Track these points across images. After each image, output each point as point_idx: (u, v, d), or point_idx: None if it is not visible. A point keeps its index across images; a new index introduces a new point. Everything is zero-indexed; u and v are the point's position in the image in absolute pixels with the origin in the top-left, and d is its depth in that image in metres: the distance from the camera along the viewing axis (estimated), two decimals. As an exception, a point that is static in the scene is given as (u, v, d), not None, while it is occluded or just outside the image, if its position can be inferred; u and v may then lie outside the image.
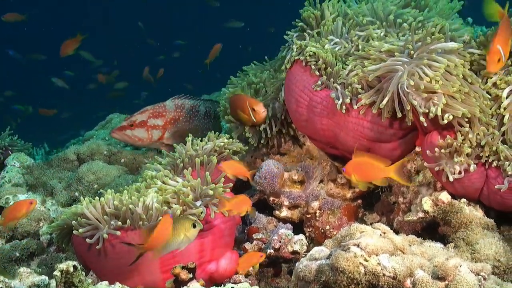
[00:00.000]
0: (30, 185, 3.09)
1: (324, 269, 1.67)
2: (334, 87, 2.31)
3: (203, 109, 3.28)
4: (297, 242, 2.29)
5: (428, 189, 2.24)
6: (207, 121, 3.29)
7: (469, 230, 1.99)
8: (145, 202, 2.09)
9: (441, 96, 2.02)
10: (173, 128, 3.23)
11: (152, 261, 2.07)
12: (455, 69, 2.07)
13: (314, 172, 2.60)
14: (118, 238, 2.05)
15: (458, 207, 2.04)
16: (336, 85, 2.31)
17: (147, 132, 3.19)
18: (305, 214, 2.54)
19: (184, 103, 3.27)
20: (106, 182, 2.99)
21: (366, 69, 2.21)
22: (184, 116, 3.25)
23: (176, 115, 3.24)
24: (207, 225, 2.14)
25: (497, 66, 2.03)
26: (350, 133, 2.31)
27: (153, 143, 3.25)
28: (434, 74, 2.04)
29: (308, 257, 1.80)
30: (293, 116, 2.56)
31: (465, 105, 2.03)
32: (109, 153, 3.27)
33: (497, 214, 2.14)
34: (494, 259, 1.85)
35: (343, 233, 1.79)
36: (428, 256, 1.73)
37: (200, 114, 3.27)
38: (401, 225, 2.29)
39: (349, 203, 2.56)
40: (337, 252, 1.65)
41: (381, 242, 1.66)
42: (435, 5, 2.56)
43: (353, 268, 1.61)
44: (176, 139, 3.20)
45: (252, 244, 2.34)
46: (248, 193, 2.69)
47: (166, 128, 3.23)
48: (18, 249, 2.51)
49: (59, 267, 1.63)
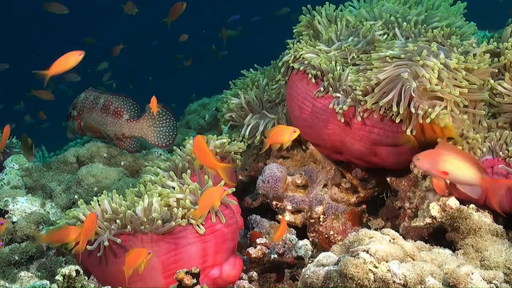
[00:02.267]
0: (29, 187, 3.06)
1: (333, 276, 1.64)
2: (335, 95, 2.31)
3: (102, 101, 3.23)
4: (301, 247, 2.26)
5: (435, 194, 2.21)
6: (104, 115, 3.23)
7: (478, 236, 1.96)
8: (145, 206, 2.06)
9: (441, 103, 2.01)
10: (82, 120, 3.26)
11: (154, 266, 2.04)
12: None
13: (317, 176, 2.57)
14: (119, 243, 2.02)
15: (467, 213, 2.01)
16: (336, 94, 2.30)
17: (73, 122, 3.28)
18: (308, 219, 2.51)
19: (90, 95, 3.27)
20: (106, 185, 2.97)
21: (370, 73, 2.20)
22: (86, 107, 3.25)
23: (82, 106, 3.26)
24: (209, 229, 2.11)
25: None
26: (357, 138, 2.30)
27: (84, 134, 3.33)
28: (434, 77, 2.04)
29: (315, 263, 1.77)
30: (296, 123, 2.54)
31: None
32: (109, 156, 3.24)
33: (505, 221, 2.11)
34: (504, 266, 1.81)
35: (351, 238, 1.76)
36: (437, 263, 1.70)
37: (97, 107, 3.23)
38: (407, 231, 2.26)
39: (353, 208, 2.53)
40: (345, 258, 1.61)
41: (391, 248, 1.63)
42: (438, 8, 2.54)
43: (363, 274, 1.58)
44: (86, 131, 3.27)
45: (255, 249, 2.31)
46: (251, 197, 2.66)
47: (79, 119, 3.27)
48: (17, 253, 2.47)
49: (61, 271, 1.60)
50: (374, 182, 2.56)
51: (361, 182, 2.56)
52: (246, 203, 2.68)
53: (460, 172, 1.72)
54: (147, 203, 2.08)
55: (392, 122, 2.21)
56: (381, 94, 2.18)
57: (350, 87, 2.27)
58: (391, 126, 2.22)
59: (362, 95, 2.23)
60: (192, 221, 2.08)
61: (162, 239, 2.05)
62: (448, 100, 2.09)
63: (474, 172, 1.72)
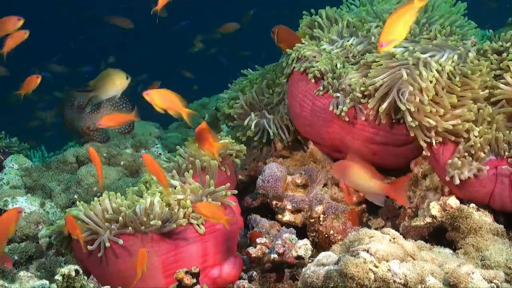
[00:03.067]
0: (29, 187, 3.06)
1: (333, 275, 1.63)
2: (335, 95, 2.30)
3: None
4: (301, 247, 2.25)
5: (435, 194, 2.21)
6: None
7: (478, 236, 1.95)
8: (146, 205, 2.06)
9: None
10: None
11: (155, 265, 2.04)
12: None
13: (317, 176, 2.57)
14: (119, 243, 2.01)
15: (468, 212, 2.01)
16: (336, 94, 2.30)
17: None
18: (308, 219, 2.50)
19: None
20: (106, 185, 2.96)
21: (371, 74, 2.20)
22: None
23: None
24: (209, 228, 2.11)
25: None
26: (356, 137, 2.30)
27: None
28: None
29: (315, 262, 1.76)
30: (296, 120, 2.54)
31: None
32: (109, 156, 3.24)
33: (506, 220, 2.11)
34: (505, 266, 1.81)
35: (351, 238, 1.75)
36: (438, 263, 1.69)
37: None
38: (407, 230, 2.25)
39: (353, 208, 2.52)
40: (346, 258, 1.61)
41: (391, 248, 1.62)
42: (438, 8, 2.54)
43: (363, 274, 1.57)
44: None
45: (255, 249, 2.30)
46: (251, 197, 2.66)
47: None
48: (17, 253, 2.47)
49: (60, 271, 1.59)
50: (374, 182, 2.55)
51: (361, 182, 2.56)
52: (246, 202, 2.67)
53: (363, 182, 1.86)
54: (148, 202, 2.08)
55: (390, 121, 2.21)
56: (379, 95, 2.18)
57: (349, 86, 2.27)
58: (390, 126, 2.22)
59: (361, 95, 2.23)
60: (193, 221, 2.07)
61: (163, 238, 2.05)
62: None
63: (375, 181, 1.85)
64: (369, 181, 1.85)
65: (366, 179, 1.86)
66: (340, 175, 1.92)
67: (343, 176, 1.90)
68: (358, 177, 1.86)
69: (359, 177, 1.86)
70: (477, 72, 2.12)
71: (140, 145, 3.56)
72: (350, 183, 1.88)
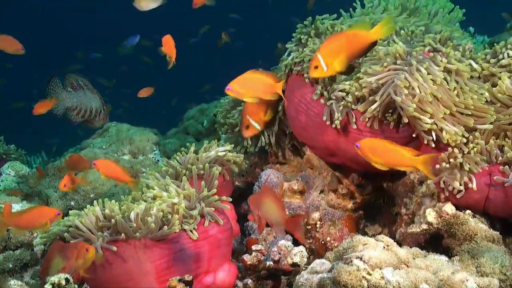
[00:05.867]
0: (25, 194, 3.04)
1: (326, 283, 1.61)
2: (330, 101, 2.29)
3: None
4: (297, 254, 2.23)
5: (431, 200, 2.19)
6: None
7: (474, 243, 1.94)
8: (138, 211, 2.05)
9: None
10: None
11: (148, 271, 2.02)
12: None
13: (314, 182, 2.55)
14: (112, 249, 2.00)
15: (463, 219, 2.00)
16: (331, 99, 2.29)
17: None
18: (305, 225, 2.49)
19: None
20: (103, 192, 2.96)
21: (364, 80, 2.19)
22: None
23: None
24: (203, 234, 2.10)
25: (314, 73, 2.11)
26: (350, 140, 2.28)
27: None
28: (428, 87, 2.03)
29: (309, 270, 1.74)
30: (292, 124, 2.54)
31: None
32: (106, 162, 3.22)
33: (502, 227, 2.09)
34: (500, 272, 1.79)
35: (345, 245, 1.74)
36: (433, 270, 1.67)
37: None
38: (403, 237, 2.23)
39: (350, 214, 2.51)
40: (339, 266, 1.59)
41: (385, 255, 1.60)
42: (436, 16, 2.53)
43: (356, 282, 1.55)
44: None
45: (251, 256, 2.29)
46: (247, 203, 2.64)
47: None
48: (11, 260, 2.45)
49: (50, 280, 1.58)
50: (370, 188, 2.54)
51: (358, 188, 2.55)
52: (243, 209, 2.66)
53: (269, 215, 1.94)
54: (141, 208, 2.06)
55: (385, 126, 2.20)
56: (372, 100, 2.17)
57: (342, 91, 2.26)
58: (383, 130, 2.21)
59: (354, 101, 2.22)
60: (186, 226, 2.06)
61: (156, 244, 2.03)
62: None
63: (280, 215, 1.93)
64: (277, 215, 1.94)
65: (275, 213, 1.94)
66: (255, 206, 1.99)
67: (257, 207, 1.98)
68: (268, 210, 1.94)
69: (269, 210, 1.95)
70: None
71: (138, 151, 3.55)
72: (261, 214, 1.97)
